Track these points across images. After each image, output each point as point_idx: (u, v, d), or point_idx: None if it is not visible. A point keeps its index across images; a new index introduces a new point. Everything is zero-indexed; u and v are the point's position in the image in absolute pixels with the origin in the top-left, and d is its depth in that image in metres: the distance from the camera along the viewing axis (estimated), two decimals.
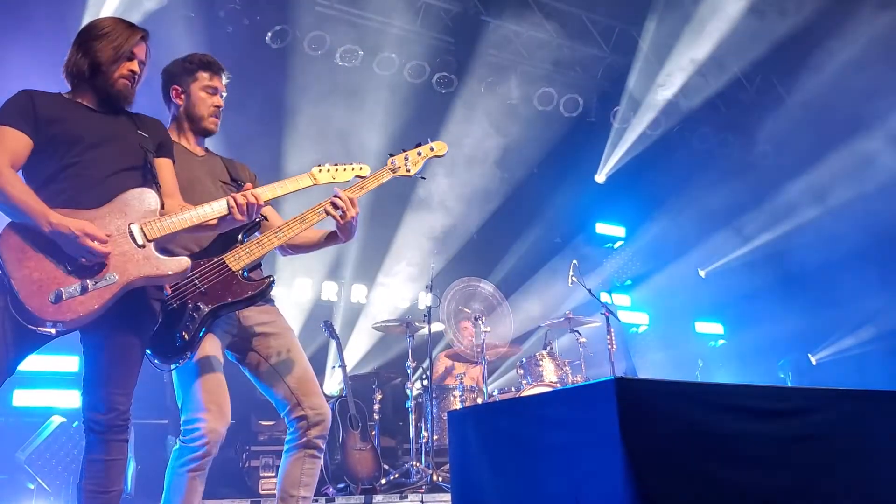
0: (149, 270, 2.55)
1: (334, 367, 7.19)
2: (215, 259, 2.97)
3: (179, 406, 3.06)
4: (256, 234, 3.09)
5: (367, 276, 8.53)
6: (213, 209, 2.76)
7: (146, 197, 2.67)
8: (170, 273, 2.60)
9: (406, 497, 5.71)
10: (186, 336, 2.86)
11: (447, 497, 5.55)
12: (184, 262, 2.64)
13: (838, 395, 2.79)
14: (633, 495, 2.19)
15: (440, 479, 6.00)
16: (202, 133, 3.33)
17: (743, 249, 9.88)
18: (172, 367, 2.89)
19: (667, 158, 9.56)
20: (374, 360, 8.08)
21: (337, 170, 3.12)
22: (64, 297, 2.38)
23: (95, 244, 2.46)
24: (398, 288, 8.63)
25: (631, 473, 2.21)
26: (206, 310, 2.90)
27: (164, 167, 2.89)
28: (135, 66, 2.80)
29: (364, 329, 8.05)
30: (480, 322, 6.54)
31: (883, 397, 2.89)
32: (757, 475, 2.47)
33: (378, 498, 5.67)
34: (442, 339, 7.66)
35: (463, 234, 8.78)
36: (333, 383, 7.72)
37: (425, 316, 6.68)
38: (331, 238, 3.31)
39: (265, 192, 2.90)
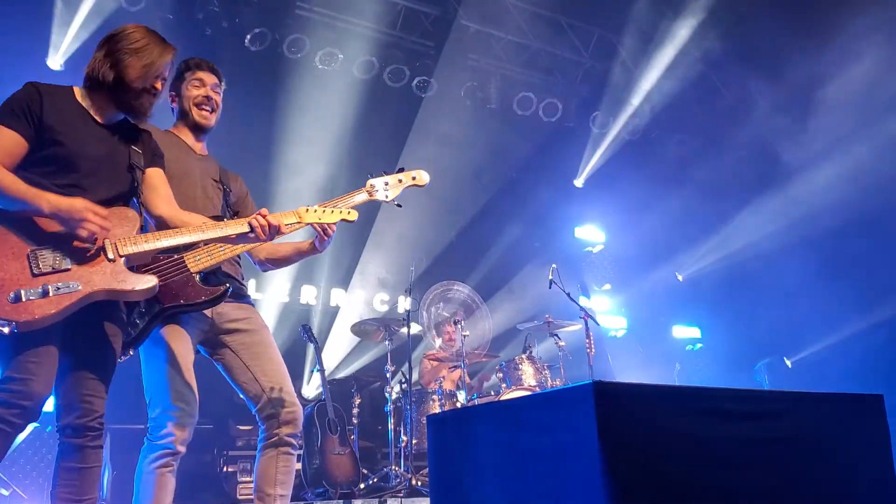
0: (114, 285, 2.56)
1: (313, 370, 7.16)
2: (175, 256, 2.92)
3: (147, 403, 3.04)
4: None
5: (345, 279, 8.50)
6: (222, 231, 2.76)
7: (126, 214, 2.69)
8: (134, 289, 2.59)
9: (385, 501, 5.69)
10: (133, 332, 2.86)
11: (426, 501, 5.54)
12: (150, 281, 2.63)
13: (812, 397, 2.83)
14: (611, 498, 2.20)
15: (419, 483, 5.99)
16: (195, 127, 3.36)
17: (721, 254, 9.96)
18: (119, 359, 2.83)
19: (645, 163, 9.63)
20: (352, 363, 8.06)
21: (325, 211, 3.03)
22: (23, 298, 2.38)
23: (97, 219, 2.49)
24: (377, 292, 8.62)
25: (609, 476, 2.22)
26: (157, 308, 2.89)
27: (157, 176, 2.88)
28: (160, 84, 2.78)
29: (343, 333, 8.03)
30: (460, 325, 6.55)
31: (856, 399, 2.93)
32: (733, 477, 2.49)
33: (357, 502, 5.66)
34: (421, 343, 7.65)
35: (442, 238, 8.79)
36: (312, 387, 7.69)
37: (404, 319, 6.67)
38: (308, 250, 3.35)
39: (283, 219, 2.86)
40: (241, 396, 3.25)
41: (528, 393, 5.81)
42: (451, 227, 8.87)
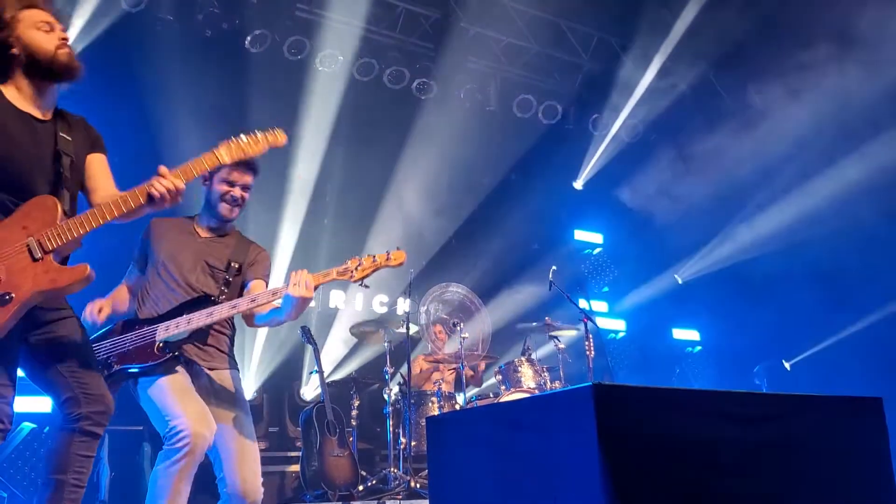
0: (45, 284, 2.48)
1: (311, 372, 7.15)
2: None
3: (156, 425, 3.15)
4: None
5: (344, 281, 8.48)
6: (128, 203, 2.64)
7: (47, 204, 2.58)
8: (68, 283, 2.52)
9: (384, 503, 5.69)
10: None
11: (425, 503, 5.53)
12: (83, 270, 2.54)
13: (811, 400, 2.83)
14: (610, 500, 2.19)
15: (418, 485, 5.98)
16: (218, 217, 3.62)
17: (720, 256, 9.96)
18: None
19: (644, 165, 9.63)
20: (351, 365, 8.05)
21: (248, 142, 2.86)
22: None
23: None
24: (376, 293, 8.61)
25: (608, 479, 2.21)
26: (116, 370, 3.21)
27: (97, 162, 2.84)
28: (60, 30, 2.72)
29: (341, 335, 8.01)
30: (458, 327, 6.54)
31: (855, 402, 2.92)
32: (733, 480, 2.49)
33: None
34: (420, 344, 7.65)
35: (441, 239, 8.78)
36: (311, 389, 7.69)
37: (403, 321, 6.66)
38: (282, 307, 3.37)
39: (181, 175, 2.71)
40: None
41: (528, 395, 5.81)
42: (451, 228, 8.86)
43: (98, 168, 2.83)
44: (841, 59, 7.75)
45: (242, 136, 2.85)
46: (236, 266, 3.56)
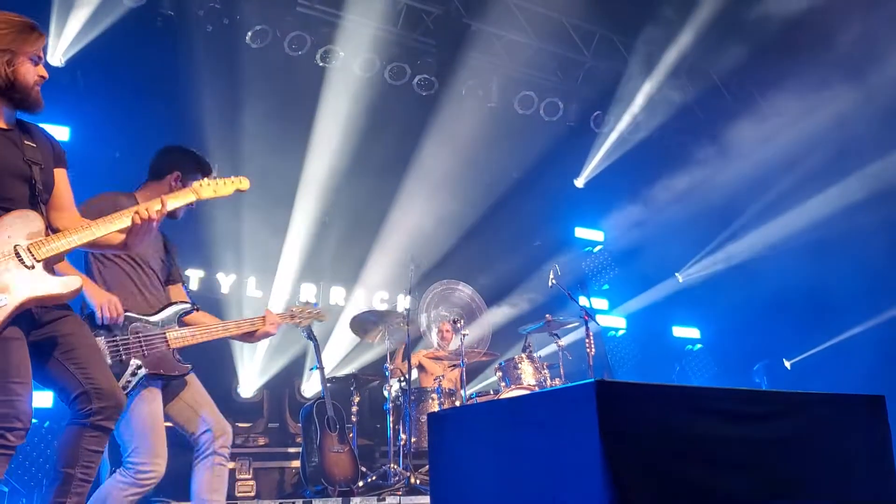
0: (39, 292, 2.55)
1: (312, 368, 7.15)
2: (158, 331, 3.36)
3: (125, 441, 3.29)
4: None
5: (345, 277, 8.49)
6: (113, 226, 2.76)
7: (30, 217, 2.65)
8: (60, 293, 2.60)
9: (384, 499, 5.69)
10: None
11: (425, 499, 5.53)
12: (74, 282, 2.65)
13: (813, 398, 2.83)
14: (611, 497, 2.19)
15: (418, 481, 5.98)
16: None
17: (721, 255, 9.96)
18: None
19: (646, 163, 9.62)
20: (352, 362, 8.05)
21: (218, 184, 3.13)
22: None
23: None
24: (377, 290, 8.61)
25: (610, 475, 2.21)
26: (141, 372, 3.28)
27: (62, 178, 2.87)
28: (43, 70, 2.76)
29: (342, 331, 8.01)
30: (459, 325, 6.54)
31: (855, 401, 2.93)
32: (734, 478, 2.49)
33: (356, 500, 5.64)
34: (421, 341, 7.65)
35: (441, 236, 8.77)
36: (311, 385, 7.69)
37: (404, 318, 6.66)
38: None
39: (163, 204, 2.86)
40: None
41: (528, 392, 5.81)
42: (451, 225, 8.84)
43: (63, 185, 2.87)
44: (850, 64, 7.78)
45: (207, 180, 3.16)
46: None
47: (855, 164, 8.63)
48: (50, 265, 2.63)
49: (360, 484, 6.19)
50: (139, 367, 3.25)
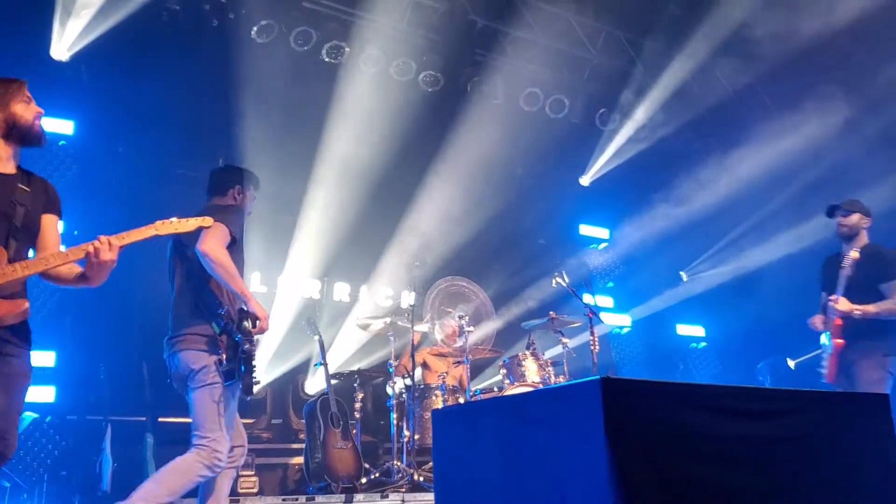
0: None
1: (316, 364, 7.15)
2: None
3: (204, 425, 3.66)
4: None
5: (350, 274, 8.48)
6: (67, 256, 2.92)
7: None
8: (5, 313, 2.74)
9: (387, 496, 5.69)
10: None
11: (428, 496, 5.53)
12: (20, 304, 2.79)
13: (819, 396, 2.82)
14: (617, 494, 2.18)
15: (421, 478, 5.98)
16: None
17: (726, 254, 9.93)
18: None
19: (651, 162, 9.59)
20: (356, 358, 8.04)
21: (180, 222, 3.29)
22: None
23: None
24: (382, 286, 8.60)
25: (616, 473, 2.20)
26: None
27: (50, 223, 3.07)
28: (39, 108, 3.06)
29: (347, 327, 8.01)
30: (464, 321, 6.53)
31: (861, 399, 2.91)
32: (740, 475, 2.48)
33: (359, 497, 5.64)
34: (426, 338, 7.64)
35: (446, 233, 8.76)
36: (315, 381, 7.68)
37: (409, 315, 6.65)
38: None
39: (122, 239, 3.03)
40: None
41: (532, 389, 5.79)
42: (455, 222, 8.83)
43: (49, 229, 3.07)
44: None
45: (172, 218, 3.32)
46: None
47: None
48: (1, 292, 2.76)
49: (364, 480, 6.18)
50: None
